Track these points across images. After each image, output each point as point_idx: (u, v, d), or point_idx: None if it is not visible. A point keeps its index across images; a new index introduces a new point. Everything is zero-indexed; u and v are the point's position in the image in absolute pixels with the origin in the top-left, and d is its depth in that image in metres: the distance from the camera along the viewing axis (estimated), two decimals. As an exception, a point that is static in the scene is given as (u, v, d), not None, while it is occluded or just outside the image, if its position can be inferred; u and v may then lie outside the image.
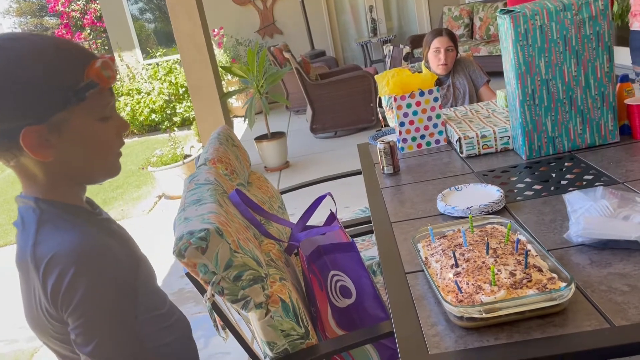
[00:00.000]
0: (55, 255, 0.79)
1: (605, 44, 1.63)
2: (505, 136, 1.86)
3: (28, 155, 0.81)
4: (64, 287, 0.78)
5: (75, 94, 0.81)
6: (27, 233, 0.83)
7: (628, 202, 1.21)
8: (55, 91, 0.80)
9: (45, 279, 0.78)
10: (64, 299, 0.78)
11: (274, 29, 8.53)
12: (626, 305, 0.95)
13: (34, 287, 0.81)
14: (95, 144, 0.87)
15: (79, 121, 0.83)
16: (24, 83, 0.78)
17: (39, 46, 0.81)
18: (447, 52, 2.92)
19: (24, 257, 0.83)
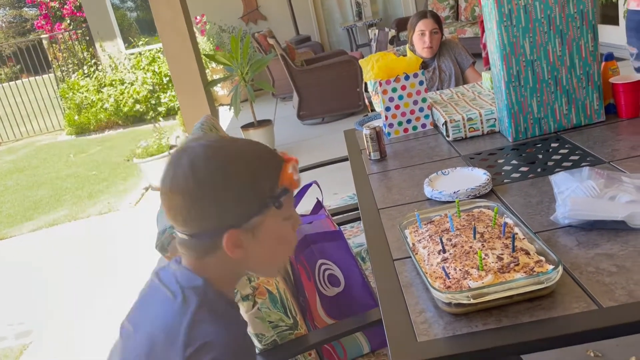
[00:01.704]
0: (210, 343, 0.81)
1: (589, 23, 1.61)
2: (491, 118, 1.85)
3: (220, 252, 0.86)
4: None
5: (272, 200, 0.86)
6: (185, 309, 0.84)
7: (614, 181, 1.21)
8: (257, 197, 0.85)
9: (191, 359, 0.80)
10: None
11: (257, 14, 8.43)
12: (614, 287, 0.94)
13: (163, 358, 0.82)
14: (279, 244, 0.92)
15: (271, 223, 0.88)
16: (234, 189, 0.84)
17: (242, 155, 0.87)
18: (432, 34, 2.90)
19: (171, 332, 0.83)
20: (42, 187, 5.90)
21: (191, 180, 0.83)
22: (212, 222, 0.85)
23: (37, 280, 3.65)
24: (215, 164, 0.85)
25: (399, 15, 8.43)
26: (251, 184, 0.85)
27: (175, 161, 0.87)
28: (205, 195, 0.83)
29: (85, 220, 4.62)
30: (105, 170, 6.03)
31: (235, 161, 0.86)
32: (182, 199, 0.84)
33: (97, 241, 4.13)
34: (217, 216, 0.84)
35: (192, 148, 0.87)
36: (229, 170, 0.85)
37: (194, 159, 0.85)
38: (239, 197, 0.85)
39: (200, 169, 0.84)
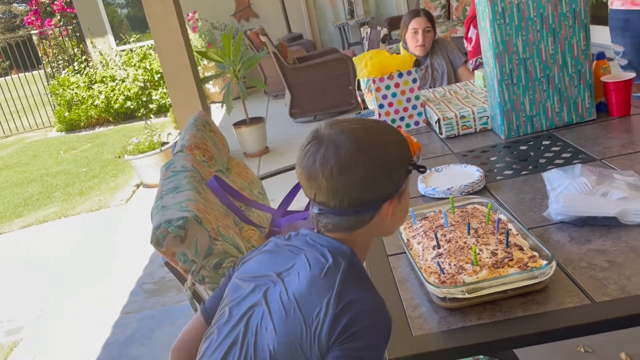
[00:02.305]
0: (359, 300, 0.86)
1: (581, 22, 1.63)
2: (484, 116, 1.86)
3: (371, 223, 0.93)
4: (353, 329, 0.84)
5: (414, 167, 0.95)
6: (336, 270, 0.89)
7: (606, 178, 1.22)
8: (404, 166, 0.94)
9: (340, 315, 0.85)
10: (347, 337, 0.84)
11: (249, 12, 8.41)
12: (606, 281, 0.95)
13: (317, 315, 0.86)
14: (408, 208, 1.01)
15: (407, 191, 0.98)
16: (389, 164, 0.92)
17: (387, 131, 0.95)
18: (425, 33, 2.90)
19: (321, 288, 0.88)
20: (32, 184, 5.85)
21: (363, 159, 0.89)
22: (377, 195, 0.91)
23: (27, 277, 3.62)
24: (375, 141, 0.91)
25: (391, 14, 8.44)
26: (401, 154, 0.94)
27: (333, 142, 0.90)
28: (377, 172, 0.90)
29: (76, 217, 4.59)
30: (96, 167, 5.99)
31: (386, 137, 0.93)
32: (350, 181, 0.89)
33: (87, 238, 4.10)
34: (382, 189, 0.91)
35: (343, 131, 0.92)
36: (386, 146, 0.92)
37: (356, 138, 0.90)
38: (394, 168, 0.92)
39: (368, 147, 0.90)
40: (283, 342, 0.88)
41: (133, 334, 2.61)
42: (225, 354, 0.94)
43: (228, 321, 0.96)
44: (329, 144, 0.91)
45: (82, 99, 8.09)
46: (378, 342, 0.86)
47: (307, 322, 0.86)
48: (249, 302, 0.95)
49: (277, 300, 0.91)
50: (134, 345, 2.52)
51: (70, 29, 9.17)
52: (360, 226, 0.93)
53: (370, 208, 0.92)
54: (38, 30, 9.29)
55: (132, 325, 2.69)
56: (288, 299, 0.89)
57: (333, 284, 0.87)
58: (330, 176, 0.89)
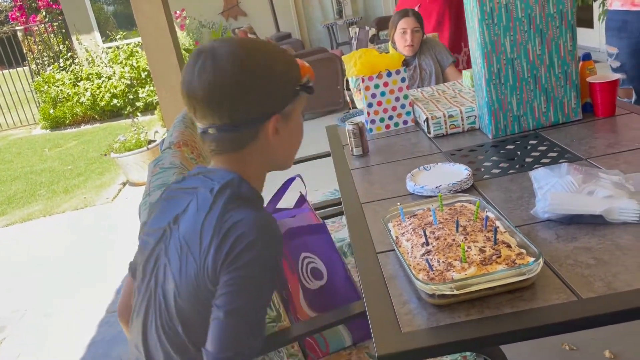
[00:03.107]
0: (240, 221, 0.86)
1: (568, 23, 1.65)
2: (471, 115, 1.87)
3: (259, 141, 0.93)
4: (239, 248, 0.84)
5: (302, 88, 0.95)
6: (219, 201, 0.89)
7: (592, 177, 1.24)
8: (290, 84, 0.94)
9: (224, 238, 0.85)
10: (234, 257, 0.85)
11: (237, 10, 8.38)
12: (592, 278, 0.97)
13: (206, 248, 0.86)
14: (299, 134, 1.01)
15: (296, 112, 0.97)
16: (272, 78, 0.91)
17: (272, 47, 0.95)
18: (413, 33, 2.92)
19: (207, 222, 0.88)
20: (16, 182, 5.77)
21: (238, 68, 0.87)
22: (258, 108, 0.90)
23: (11, 276, 3.58)
24: (256, 52, 0.91)
25: (379, 14, 8.47)
26: (287, 72, 0.93)
27: (211, 55, 0.88)
28: (253, 81, 0.88)
29: (61, 216, 4.54)
30: (82, 165, 5.93)
31: (271, 51, 0.93)
32: (228, 88, 0.87)
33: (72, 236, 4.06)
34: (263, 102, 0.90)
35: (225, 43, 0.90)
36: (269, 58, 0.91)
37: (234, 50, 0.89)
38: (279, 84, 0.92)
39: (244, 57, 0.89)
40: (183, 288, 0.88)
41: (119, 332, 2.59)
42: (145, 317, 0.94)
43: (142, 280, 0.97)
44: (208, 54, 0.89)
45: (67, 96, 8.00)
46: (265, 256, 0.86)
47: (198, 261, 0.86)
48: (154, 258, 0.95)
49: (173, 250, 0.91)
50: (120, 344, 2.50)
51: (55, 25, 9.07)
52: (244, 144, 0.92)
53: (251, 122, 0.91)
54: (23, 26, 9.17)
55: (117, 324, 2.66)
56: (181, 245, 0.90)
57: (215, 216, 0.87)
58: (206, 85, 0.87)
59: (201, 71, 0.88)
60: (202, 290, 0.87)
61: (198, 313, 0.88)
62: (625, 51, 2.53)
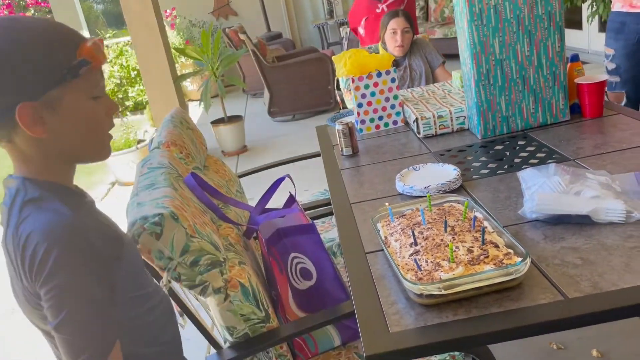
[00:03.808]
0: (33, 232, 0.82)
1: (556, 24, 1.66)
2: (461, 116, 1.88)
3: (22, 133, 0.84)
4: (38, 260, 0.81)
5: (69, 71, 0.84)
6: (13, 213, 0.86)
7: (579, 177, 1.24)
8: (50, 68, 0.83)
9: (23, 253, 0.82)
10: (37, 271, 0.81)
11: (228, 10, 8.35)
12: (579, 278, 0.97)
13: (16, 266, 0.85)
14: (87, 122, 0.90)
15: (72, 98, 0.86)
16: (20, 60, 0.81)
17: (34, 26, 0.85)
18: (403, 33, 2.93)
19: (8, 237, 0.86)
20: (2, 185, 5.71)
21: None
22: (4, 94, 0.81)
23: None
24: (7, 32, 0.82)
25: (370, 14, 8.46)
26: (45, 54, 0.83)
27: None
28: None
29: (49, 216, 4.49)
30: (70, 164, 5.88)
31: (28, 31, 0.83)
32: None
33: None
34: (10, 89, 0.81)
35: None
36: (20, 39, 0.82)
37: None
38: (32, 67, 0.82)
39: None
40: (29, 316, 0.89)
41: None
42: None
43: None
44: None
45: (56, 95, 7.93)
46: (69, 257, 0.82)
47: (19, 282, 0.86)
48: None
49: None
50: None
51: (44, 23, 8.98)
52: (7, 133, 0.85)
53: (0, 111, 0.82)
54: (11, 24, 9.07)
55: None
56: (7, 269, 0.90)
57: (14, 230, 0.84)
58: None
59: None
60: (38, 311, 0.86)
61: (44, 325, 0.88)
62: (621, 52, 2.54)
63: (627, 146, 1.48)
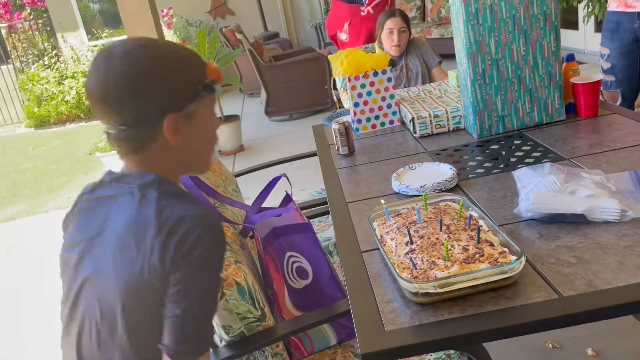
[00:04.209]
0: (183, 217, 0.87)
1: (552, 24, 1.66)
2: (457, 115, 1.88)
3: (159, 141, 0.91)
4: (187, 245, 0.85)
5: (205, 87, 0.94)
6: (146, 202, 0.89)
7: (574, 177, 1.25)
8: (190, 84, 0.92)
9: (169, 237, 0.85)
10: (183, 254, 0.85)
11: (225, 9, 8.35)
12: (573, 277, 0.98)
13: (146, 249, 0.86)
14: (209, 135, 0.99)
15: (203, 113, 0.95)
16: (166, 77, 0.90)
17: (171, 47, 0.94)
18: (400, 33, 2.93)
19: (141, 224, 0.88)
20: (-1, 181, 5.70)
21: (128, 67, 0.88)
22: (152, 107, 0.89)
23: (-7, 277, 3.53)
24: (151, 51, 0.90)
25: (367, 14, 8.47)
26: (185, 71, 0.92)
27: (106, 55, 0.90)
28: (145, 80, 0.88)
29: (45, 215, 4.48)
30: (66, 164, 5.86)
31: (168, 51, 0.92)
32: (120, 86, 0.87)
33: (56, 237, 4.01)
34: (157, 101, 0.89)
35: (122, 42, 0.91)
36: (164, 57, 0.91)
37: (128, 49, 0.90)
38: (176, 82, 0.91)
39: (136, 56, 0.89)
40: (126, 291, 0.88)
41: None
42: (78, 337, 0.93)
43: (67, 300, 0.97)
44: (104, 53, 0.91)
45: (52, 94, 7.91)
46: (213, 251, 0.88)
47: (139, 263, 0.87)
48: (80, 274, 0.94)
49: (104, 258, 0.91)
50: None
51: (40, 23, 8.96)
52: (144, 144, 0.91)
53: (145, 122, 0.90)
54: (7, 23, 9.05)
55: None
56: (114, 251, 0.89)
57: (150, 215, 0.87)
58: (99, 85, 0.88)
59: (96, 70, 0.89)
60: (148, 290, 0.87)
61: (144, 312, 0.89)
62: (616, 52, 2.55)
63: (621, 145, 1.49)
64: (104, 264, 0.91)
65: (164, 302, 0.88)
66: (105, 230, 0.92)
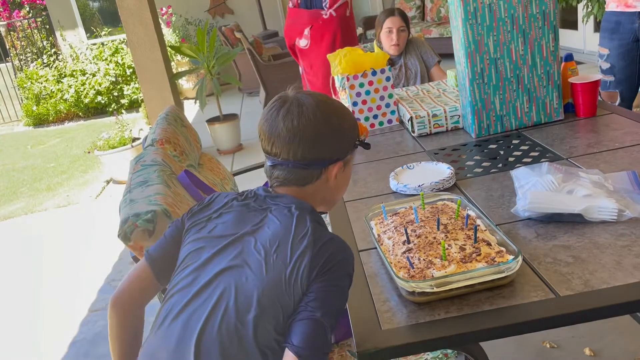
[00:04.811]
0: (333, 239, 1.00)
1: (550, 23, 1.66)
2: (455, 115, 1.88)
3: (321, 181, 1.06)
4: (334, 261, 0.96)
5: (360, 143, 1.12)
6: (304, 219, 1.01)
7: (572, 176, 1.25)
8: (353, 139, 1.10)
9: (321, 251, 0.97)
10: (329, 269, 0.96)
11: (224, 8, 8.34)
12: (570, 276, 0.98)
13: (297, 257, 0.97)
14: (347, 183, 1.15)
15: (351, 163, 1.13)
16: (342, 130, 1.07)
17: (344, 107, 1.11)
18: (399, 32, 2.92)
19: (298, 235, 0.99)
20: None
21: (321, 116, 1.03)
22: (328, 153, 1.05)
23: (-9, 275, 3.52)
24: (334, 109, 1.07)
25: (367, 13, 8.48)
26: (352, 127, 1.09)
27: (296, 102, 1.04)
28: (331, 130, 1.04)
29: (43, 213, 4.48)
30: (65, 162, 5.86)
31: (343, 109, 1.09)
32: (309, 132, 1.02)
33: (54, 235, 4.01)
34: (332, 149, 1.05)
35: (308, 95, 1.07)
36: (341, 115, 1.08)
37: (318, 102, 1.05)
38: (345, 136, 1.07)
39: (324, 110, 1.04)
40: (268, 286, 0.95)
41: (101, 331, 2.57)
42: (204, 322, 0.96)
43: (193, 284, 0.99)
44: (294, 101, 1.05)
45: (51, 92, 7.89)
46: (349, 272, 0.99)
47: (288, 264, 0.96)
48: (221, 263, 1.00)
49: (253, 253, 0.99)
50: (101, 343, 2.48)
51: (39, 21, 8.95)
52: (308, 181, 1.05)
53: (319, 165, 1.05)
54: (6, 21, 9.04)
55: (99, 323, 2.64)
56: (264, 249, 0.99)
57: (306, 230, 0.99)
58: (290, 126, 1.02)
59: (288, 114, 1.03)
60: (286, 291, 0.96)
61: (275, 310, 0.96)
62: (616, 52, 2.54)
63: (619, 145, 1.49)
64: (252, 258, 0.99)
65: (298, 305, 0.96)
66: (258, 233, 1.02)
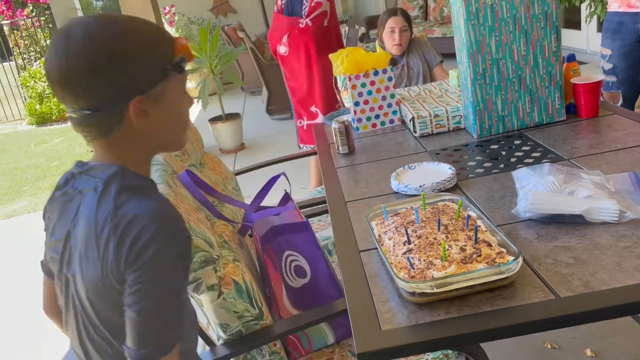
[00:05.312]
0: (137, 215, 0.84)
1: (553, 24, 1.66)
2: (457, 115, 1.88)
3: (126, 126, 0.87)
4: (140, 244, 0.82)
5: (173, 67, 0.89)
6: (107, 197, 0.87)
7: (573, 177, 1.25)
8: (156, 64, 0.87)
9: (123, 236, 0.83)
10: (136, 254, 0.83)
11: (227, 7, 8.34)
12: (571, 277, 0.97)
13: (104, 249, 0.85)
14: (180, 114, 0.95)
15: (172, 93, 0.90)
16: (130, 57, 0.84)
17: (135, 25, 0.88)
18: (401, 32, 2.93)
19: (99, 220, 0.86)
20: (0, 178, 5.70)
21: (91, 48, 0.83)
22: (116, 90, 0.85)
23: (-6, 273, 3.53)
24: (114, 30, 0.85)
25: (369, 13, 8.47)
26: (152, 50, 0.87)
27: (65, 35, 0.84)
28: (108, 62, 0.83)
29: (46, 212, 4.49)
30: (68, 161, 5.87)
31: (133, 29, 0.87)
32: (83, 69, 0.82)
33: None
34: (122, 84, 0.85)
35: (82, 21, 0.85)
36: (128, 37, 0.85)
37: (89, 28, 0.84)
38: (142, 63, 0.86)
39: (98, 36, 0.83)
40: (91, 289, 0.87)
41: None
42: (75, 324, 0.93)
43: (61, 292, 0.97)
44: (63, 34, 0.85)
45: (54, 91, 7.91)
46: (170, 247, 0.84)
47: (99, 262, 0.85)
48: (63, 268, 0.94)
49: (75, 255, 0.90)
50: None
51: (42, 20, 8.97)
52: (111, 128, 0.87)
53: (110, 105, 0.85)
54: (9, 20, 9.06)
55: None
56: (80, 250, 0.88)
57: (108, 211, 0.85)
58: (59, 69, 0.83)
59: (55, 52, 0.84)
60: (109, 290, 0.86)
61: (113, 312, 0.88)
62: (618, 52, 2.53)
63: (621, 146, 1.49)
64: (74, 263, 0.90)
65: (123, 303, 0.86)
66: (74, 229, 0.91)
